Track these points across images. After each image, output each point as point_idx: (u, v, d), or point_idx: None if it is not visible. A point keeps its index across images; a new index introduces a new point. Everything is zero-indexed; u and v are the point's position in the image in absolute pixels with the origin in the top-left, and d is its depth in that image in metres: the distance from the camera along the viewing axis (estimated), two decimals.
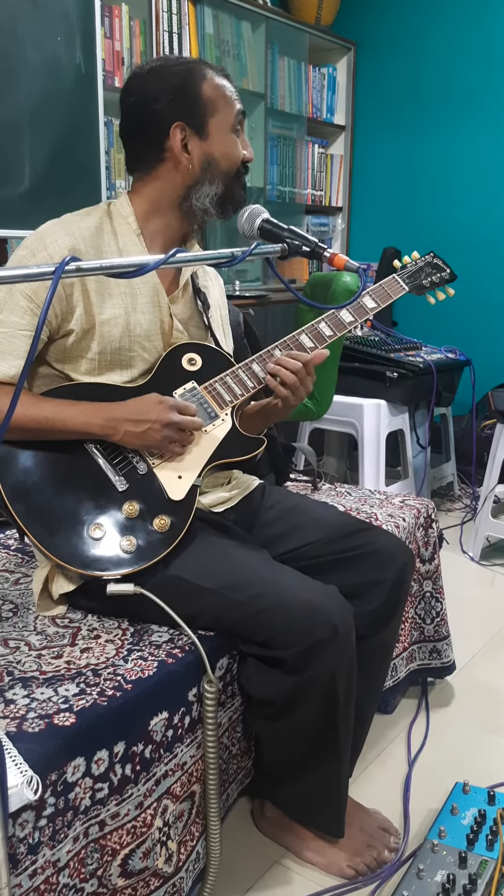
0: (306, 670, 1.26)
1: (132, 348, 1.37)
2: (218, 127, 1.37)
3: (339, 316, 1.49)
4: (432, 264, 1.62)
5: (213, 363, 1.43)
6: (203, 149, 1.37)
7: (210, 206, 1.39)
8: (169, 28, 2.92)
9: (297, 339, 1.46)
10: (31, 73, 2.29)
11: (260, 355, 1.44)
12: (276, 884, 1.42)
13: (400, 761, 1.76)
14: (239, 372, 1.43)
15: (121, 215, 1.40)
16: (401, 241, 3.92)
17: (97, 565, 1.27)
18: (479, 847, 1.40)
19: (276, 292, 3.42)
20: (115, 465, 1.33)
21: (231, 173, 1.39)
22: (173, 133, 1.35)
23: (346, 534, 1.48)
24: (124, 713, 1.12)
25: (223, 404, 1.41)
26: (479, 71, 3.61)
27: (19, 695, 1.12)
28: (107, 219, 1.39)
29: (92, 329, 1.33)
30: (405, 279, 1.58)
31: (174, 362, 1.41)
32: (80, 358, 1.34)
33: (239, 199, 1.42)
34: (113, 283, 1.35)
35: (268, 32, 3.34)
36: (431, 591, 1.95)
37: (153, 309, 1.39)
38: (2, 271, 0.88)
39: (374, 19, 3.90)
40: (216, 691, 1.24)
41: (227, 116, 1.38)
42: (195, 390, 1.40)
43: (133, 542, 1.29)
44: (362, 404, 2.98)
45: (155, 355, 1.40)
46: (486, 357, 3.52)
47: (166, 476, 1.35)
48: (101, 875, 1.09)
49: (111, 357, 1.36)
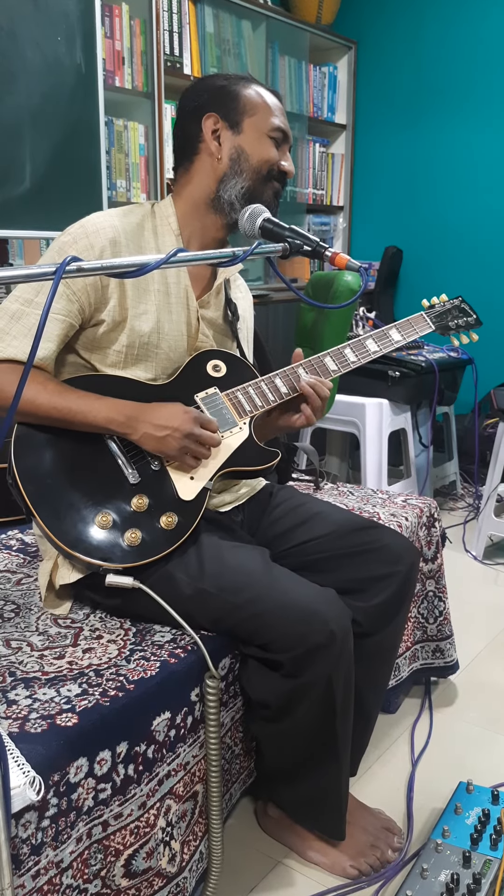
0: (303, 674, 1.26)
1: (159, 345, 1.38)
2: (253, 126, 1.39)
3: (365, 344, 1.52)
4: (459, 308, 1.67)
5: (238, 372, 1.45)
6: (234, 141, 1.39)
7: (236, 201, 1.40)
8: (169, 27, 2.92)
9: (322, 360, 1.49)
10: (32, 73, 2.29)
11: (284, 371, 1.46)
12: (279, 884, 1.42)
13: (403, 761, 1.76)
14: (262, 384, 1.44)
15: (163, 215, 1.42)
16: (402, 240, 3.92)
17: (99, 553, 1.27)
18: (482, 846, 1.40)
19: (277, 291, 3.42)
20: (130, 458, 1.34)
21: (261, 171, 1.40)
22: (205, 121, 1.38)
23: (354, 530, 1.49)
24: (127, 713, 1.12)
25: (242, 413, 1.42)
26: (479, 69, 3.60)
27: (21, 695, 1.12)
28: (150, 217, 1.42)
29: (123, 322, 1.35)
30: (432, 318, 1.62)
31: (199, 366, 1.43)
32: (108, 349, 1.36)
33: (267, 202, 1.41)
34: (149, 278, 1.37)
35: (268, 31, 3.34)
36: (434, 591, 1.94)
37: (182, 310, 1.41)
38: (3, 271, 0.88)
39: (374, 18, 3.90)
40: (218, 688, 1.24)
41: (264, 121, 1.40)
42: (216, 395, 1.41)
43: (138, 536, 1.29)
44: (364, 403, 2.98)
45: (179, 355, 1.42)
46: (488, 356, 3.52)
47: (178, 475, 1.36)
48: (105, 876, 1.09)
49: (138, 351, 1.37)
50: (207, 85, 1.42)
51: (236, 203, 1.40)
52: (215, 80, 1.43)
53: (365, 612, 1.42)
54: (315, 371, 1.48)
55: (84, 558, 1.27)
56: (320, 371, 1.48)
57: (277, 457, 1.44)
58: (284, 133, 1.43)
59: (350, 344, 1.51)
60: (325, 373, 1.48)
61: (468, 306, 1.67)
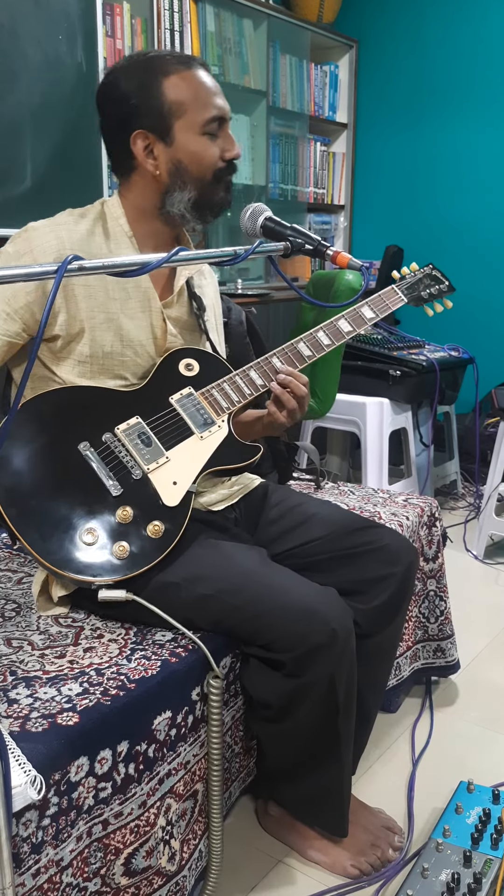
0: (304, 674, 1.25)
1: (124, 353, 1.36)
2: (184, 130, 1.31)
3: (338, 325, 1.47)
4: (431, 276, 1.61)
5: (211, 369, 1.42)
6: (169, 154, 1.32)
7: (186, 213, 1.36)
8: (170, 26, 2.92)
9: (296, 347, 1.45)
10: (33, 71, 2.29)
11: (258, 363, 1.43)
12: (279, 883, 1.42)
13: (404, 760, 1.76)
14: (236, 378, 1.41)
15: (112, 216, 1.37)
16: (403, 239, 3.91)
17: (89, 571, 1.25)
18: (483, 846, 1.40)
19: (278, 290, 3.42)
20: (110, 470, 1.31)
21: (205, 178, 1.34)
22: (134, 141, 1.31)
23: (352, 530, 1.48)
24: (128, 713, 1.12)
25: (220, 411, 1.40)
26: (481, 68, 3.60)
27: (22, 694, 1.12)
28: (100, 221, 1.37)
29: (81, 334, 1.32)
30: (403, 290, 1.57)
31: (172, 367, 1.40)
32: (70, 359, 1.33)
33: (219, 204, 1.38)
34: (100, 287, 1.33)
35: (269, 30, 3.34)
36: (435, 590, 1.94)
37: (143, 314, 1.38)
38: (3, 270, 0.88)
39: (375, 17, 3.89)
40: (222, 687, 1.23)
41: (194, 117, 1.31)
42: (192, 396, 1.39)
43: (126, 548, 1.27)
44: (365, 403, 2.98)
45: (147, 360, 1.39)
46: (489, 355, 3.52)
47: (161, 481, 1.33)
48: (105, 874, 1.09)
49: (103, 361, 1.35)
50: (123, 91, 1.31)
51: (187, 215, 1.36)
52: (129, 82, 1.30)
53: (364, 614, 1.42)
54: (289, 358, 1.44)
55: (74, 577, 1.24)
56: (294, 358, 1.44)
57: (259, 452, 1.41)
58: (220, 117, 1.33)
59: (323, 327, 1.47)
60: (299, 359, 1.44)
61: (440, 273, 1.61)
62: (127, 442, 1.33)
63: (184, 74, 1.31)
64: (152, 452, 1.33)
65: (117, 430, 1.33)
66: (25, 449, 1.28)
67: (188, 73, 1.31)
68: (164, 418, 1.36)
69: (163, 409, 1.37)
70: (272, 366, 1.42)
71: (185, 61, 1.33)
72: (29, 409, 1.30)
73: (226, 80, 3.16)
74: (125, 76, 1.32)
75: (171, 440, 1.35)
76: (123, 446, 1.32)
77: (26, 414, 1.30)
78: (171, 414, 1.37)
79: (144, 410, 1.36)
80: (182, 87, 1.31)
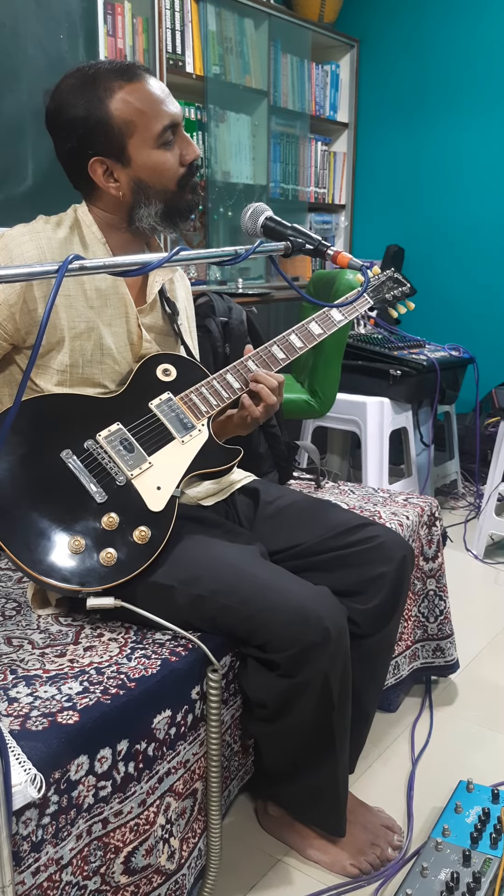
0: (299, 674, 1.25)
1: (104, 361, 1.37)
2: (139, 147, 1.31)
3: (309, 328, 1.51)
4: (394, 279, 1.70)
5: (188, 374, 1.43)
6: (129, 174, 1.32)
7: (155, 224, 1.37)
8: (172, 25, 2.92)
9: (270, 350, 1.47)
10: (34, 71, 2.29)
11: (234, 366, 1.44)
12: (279, 882, 1.42)
13: (403, 759, 1.76)
14: (214, 382, 1.42)
15: (85, 223, 1.38)
16: (404, 239, 3.91)
17: (76, 579, 1.24)
18: (482, 845, 1.40)
19: (279, 290, 3.42)
20: (94, 477, 1.30)
21: (168, 189, 1.34)
22: (93, 169, 1.32)
23: (344, 530, 1.48)
24: (127, 711, 1.12)
25: (199, 415, 1.40)
26: (482, 67, 3.60)
27: (23, 693, 1.12)
28: (76, 228, 1.37)
29: (61, 343, 1.33)
30: (369, 293, 1.65)
31: (149, 373, 1.40)
32: (50, 368, 1.33)
33: (187, 208, 1.38)
34: (79, 296, 1.34)
35: (270, 30, 3.34)
36: (435, 590, 1.94)
37: (120, 321, 1.39)
38: (4, 269, 0.89)
39: (377, 16, 3.89)
40: (220, 681, 1.23)
41: (147, 133, 1.30)
42: (171, 401, 1.39)
43: (113, 555, 1.26)
44: (365, 402, 2.98)
45: (125, 367, 1.40)
46: (489, 354, 3.52)
47: (145, 487, 1.32)
48: (104, 872, 1.10)
49: (83, 370, 1.35)
50: (70, 119, 1.29)
51: (157, 226, 1.37)
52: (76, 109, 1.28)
53: (363, 615, 1.42)
54: (264, 361, 1.45)
55: (61, 586, 1.23)
56: (269, 361, 1.46)
57: (240, 454, 1.42)
58: (172, 123, 1.32)
59: (294, 330, 1.50)
60: (273, 362, 1.46)
61: (402, 276, 1.71)
62: (109, 448, 1.32)
63: (128, 89, 1.29)
64: (135, 458, 1.33)
65: (99, 437, 1.32)
66: (6, 459, 1.27)
67: (132, 87, 1.29)
68: (145, 424, 1.36)
69: (143, 415, 1.37)
70: (248, 369, 1.44)
71: (126, 74, 1.30)
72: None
73: (227, 80, 3.16)
74: (70, 102, 1.30)
75: (153, 445, 1.35)
76: (106, 453, 1.32)
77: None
78: (152, 419, 1.37)
79: (125, 417, 1.35)
80: (129, 103, 1.29)
